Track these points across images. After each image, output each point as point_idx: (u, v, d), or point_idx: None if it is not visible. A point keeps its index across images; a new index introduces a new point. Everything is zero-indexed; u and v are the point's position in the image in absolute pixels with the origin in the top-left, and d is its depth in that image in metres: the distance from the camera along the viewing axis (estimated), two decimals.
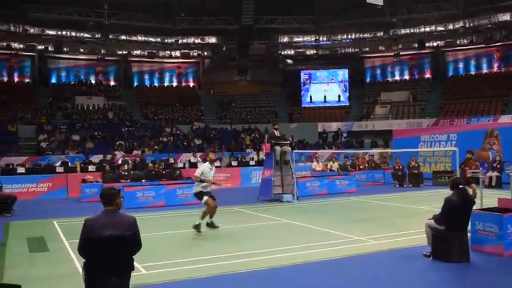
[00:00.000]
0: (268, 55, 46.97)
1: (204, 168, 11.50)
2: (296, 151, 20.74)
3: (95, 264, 4.96)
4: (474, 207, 8.13)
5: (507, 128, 22.18)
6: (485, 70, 43.11)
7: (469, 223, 8.13)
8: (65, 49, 40.89)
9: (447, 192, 8.21)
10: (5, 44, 38.84)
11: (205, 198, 11.17)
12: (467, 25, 40.93)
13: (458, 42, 43.70)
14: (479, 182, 10.89)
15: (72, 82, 41.78)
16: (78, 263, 7.71)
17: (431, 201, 14.15)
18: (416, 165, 21.87)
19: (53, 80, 41.81)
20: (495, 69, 42.70)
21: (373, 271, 7.45)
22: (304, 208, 15.36)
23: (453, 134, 23.66)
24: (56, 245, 9.94)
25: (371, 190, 20.03)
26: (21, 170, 21.13)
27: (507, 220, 8.01)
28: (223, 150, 29.04)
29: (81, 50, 42.07)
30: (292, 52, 46.89)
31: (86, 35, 40.71)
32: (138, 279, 6.67)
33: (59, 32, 39.74)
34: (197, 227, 10.98)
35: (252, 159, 26.21)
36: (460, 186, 7.90)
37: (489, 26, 40.37)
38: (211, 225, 11.15)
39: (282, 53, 46.71)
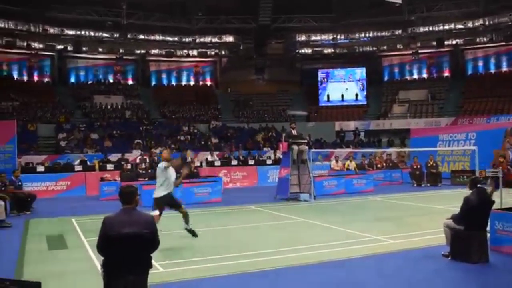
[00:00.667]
0: (286, 54, 46.87)
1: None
2: (313, 150, 20.69)
3: (114, 262, 5.00)
4: (494, 207, 8.03)
5: None
6: (505, 69, 42.52)
7: (489, 223, 8.03)
8: (84, 48, 41.25)
9: (466, 191, 8.13)
10: (25, 44, 39.29)
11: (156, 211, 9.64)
12: (487, 23, 40.40)
13: (477, 40, 43.14)
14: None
15: (91, 81, 42.18)
16: (96, 260, 7.78)
17: (450, 200, 14.03)
18: (434, 164, 21.68)
19: (72, 80, 42.24)
20: None
21: (391, 271, 7.41)
22: (321, 207, 15.32)
23: (472, 133, 23.42)
24: (75, 242, 10.05)
25: (388, 189, 19.91)
26: (40, 168, 21.37)
27: None
28: (240, 149, 29.08)
29: (100, 49, 42.41)
30: (309, 50, 46.72)
31: (104, 34, 41.07)
32: (156, 277, 6.71)
33: (78, 32, 40.14)
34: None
35: (269, 158, 26.20)
36: (479, 186, 7.82)
37: (510, 23, 39.77)
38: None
39: (300, 52, 46.59)
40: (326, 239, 9.76)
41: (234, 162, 24.52)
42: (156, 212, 9.50)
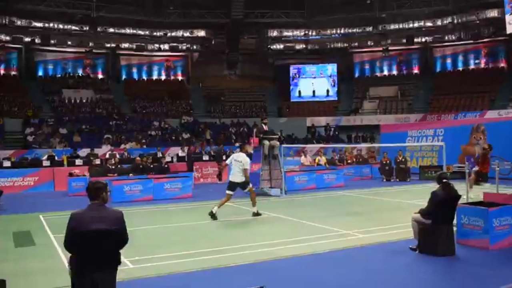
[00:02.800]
0: (258, 49, 46.86)
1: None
2: (285, 145, 20.76)
3: (81, 259, 4.93)
4: (460, 201, 8.19)
5: (493, 123, 22.39)
6: (472, 66, 43.45)
7: (455, 217, 8.20)
8: (52, 41, 40.41)
9: (433, 186, 8.27)
10: None
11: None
12: (455, 21, 41.13)
13: (446, 38, 43.90)
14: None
15: (60, 75, 41.39)
16: (64, 257, 7.66)
17: (418, 195, 14.26)
18: (403, 159, 21.99)
19: (40, 73, 41.40)
20: (482, 65, 43.06)
21: (361, 265, 7.50)
22: (292, 202, 15.41)
23: (440, 129, 23.84)
24: (42, 239, 9.88)
25: (358, 184, 20.16)
26: (7, 164, 20.95)
27: (493, 214, 8.10)
28: (211, 144, 29.04)
29: (69, 42, 41.58)
30: (281, 46, 46.81)
31: (73, 27, 40.24)
32: (124, 273, 6.65)
33: (46, 24, 39.26)
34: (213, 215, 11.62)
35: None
36: (444, 180, 7.96)
37: (477, 22, 40.61)
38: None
39: (272, 47, 46.64)
40: (296, 234, 9.82)
41: (206, 158, 24.43)
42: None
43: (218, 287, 6.53)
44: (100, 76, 43.84)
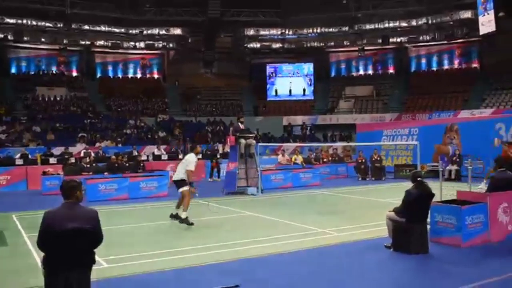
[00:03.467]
0: (234, 48, 46.84)
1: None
2: (261, 144, 20.79)
3: (55, 258, 4.86)
4: (434, 200, 8.31)
5: (467, 123, 22.76)
6: (446, 66, 44.11)
7: (429, 215, 8.31)
8: (25, 38, 39.78)
9: (408, 185, 8.37)
10: None
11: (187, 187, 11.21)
12: (430, 21, 41.73)
13: (421, 38, 44.49)
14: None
15: (33, 72, 40.72)
16: (37, 257, 7.55)
17: (393, 193, 14.41)
18: (378, 158, 22.21)
19: (13, 70, 40.68)
20: (456, 66, 43.74)
21: (336, 262, 7.57)
22: (268, 200, 15.44)
23: (414, 129, 24.14)
24: (15, 239, 9.73)
25: (334, 183, 20.28)
26: None
27: (465, 212, 8.23)
28: (187, 142, 28.90)
29: (42, 39, 40.96)
30: (258, 45, 46.88)
31: (47, 24, 39.70)
32: (99, 272, 6.59)
33: (19, 21, 38.63)
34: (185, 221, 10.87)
35: (217, 151, 26.13)
36: (419, 179, 8.06)
37: (451, 23, 41.28)
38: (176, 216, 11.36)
39: (248, 46, 46.66)
40: (273, 232, 9.84)
41: (181, 156, 24.27)
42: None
43: (193, 285, 6.51)
44: (74, 73, 43.30)
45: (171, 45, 45.55)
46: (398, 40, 44.90)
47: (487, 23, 33.04)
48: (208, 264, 7.43)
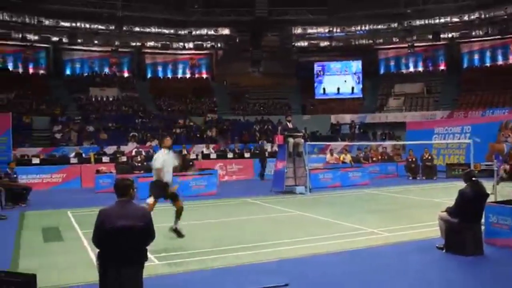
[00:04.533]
0: (282, 46, 46.81)
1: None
2: (309, 143, 20.69)
3: (109, 254, 5.01)
4: (488, 200, 8.06)
5: None
6: (500, 62, 42.61)
7: (483, 216, 8.07)
8: (79, 40, 41.08)
9: (460, 184, 8.15)
10: (20, 35, 39.01)
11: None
12: (482, 16, 40.48)
13: (473, 33, 43.18)
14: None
15: (86, 74, 41.98)
16: (92, 253, 7.78)
17: (445, 193, 14.08)
18: (429, 157, 21.73)
19: (68, 72, 42.06)
20: (510, 61, 42.17)
21: (386, 263, 7.45)
22: (317, 200, 15.36)
23: (467, 127, 23.46)
24: (71, 235, 10.05)
25: (384, 182, 19.95)
26: (35, 161, 21.30)
27: None
28: (236, 141, 29.14)
29: (95, 41, 42.21)
30: (305, 43, 46.70)
31: (100, 26, 40.91)
32: (151, 269, 6.73)
33: (73, 24, 39.98)
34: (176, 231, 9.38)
35: (265, 150, 26.18)
36: (473, 179, 7.84)
37: (505, 17, 39.86)
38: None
39: (296, 44, 46.55)
40: (321, 232, 9.79)
41: (230, 155, 24.50)
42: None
43: (243, 283, 6.55)
44: (125, 74, 44.36)
45: (219, 45, 45.99)
46: (449, 36, 43.74)
47: None
48: (257, 263, 7.47)
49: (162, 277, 6.84)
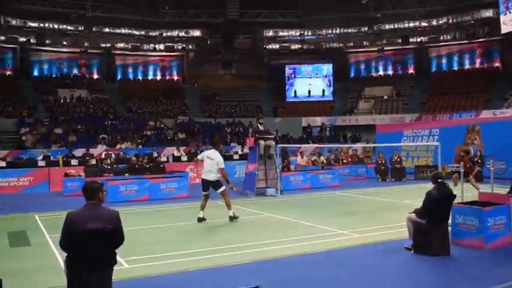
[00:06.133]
0: (253, 49, 46.91)
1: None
2: (280, 145, 20.77)
3: (77, 258, 4.93)
4: (455, 201, 8.22)
5: (488, 123, 22.49)
6: (467, 66, 43.60)
7: (450, 217, 8.23)
8: (47, 41, 40.41)
9: (429, 186, 8.30)
10: None
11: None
12: (450, 21, 41.36)
13: (441, 38, 44.08)
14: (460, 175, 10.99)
15: (55, 75, 41.29)
16: (60, 257, 7.66)
17: (413, 195, 14.29)
18: (398, 159, 22.04)
19: (35, 73, 41.31)
20: (477, 65, 43.21)
21: (356, 264, 7.52)
22: (288, 202, 15.43)
23: (435, 129, 23.90)
24: (38, 239, 9.86)
25: (354, 184, 20.18)
26: (2, 164, 20.82)
27: (487, 213, 8.13)
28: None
29: (64, 42, 41.59)
30: (277, 46, 46.91)
31: (69, 27, 40.33)
32: (120, 273, 6.65)
33: (41, 24, 39.30)
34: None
35: (236, 153, 26.19)
36: (440, 180, 7.99)
37: (472, 22, 40.83)
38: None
39: (267, 47, 46.72)
40: (292, 234, 9.83)
41: (200, 157, 24.32)
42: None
43: (213, 286, 6.54)
44: (95, 76, 43.80)
45: (190, 46, 45.85)
46: (418, 40, 44.56)
47: (508, 22, 32.48)
48: (228, 265, 7.46)
49: (132, 281, 6.77)
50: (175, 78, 46.53)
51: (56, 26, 39.85)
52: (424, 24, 42.94)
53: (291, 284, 6.60)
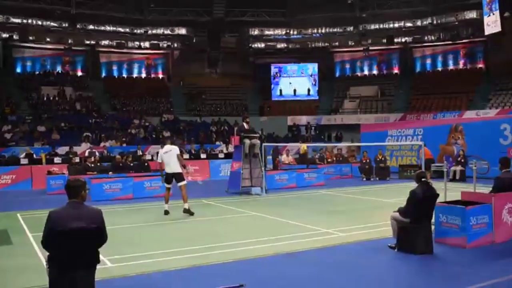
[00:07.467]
0: (239, 48, 46.87)
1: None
2: (265, 144, 20.77)
3: (60, 257, 4.87)
4: (438, 200, 8.28)
5: (471, 123, 22.70)
6: (451, 67, 44.04)
7: (433, 216, 8.29)
8: (30, 37, 39.96)
9: (412, 185, 8.35)
10: None
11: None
12: (435, 22, 41.70)
13: (426, 38, 44.47)
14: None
15: (38, 72, 40.85)
16: (42, 256, 7.58)
17: (397, 194, 14.38)
18: (383, 159, 22.17)
19: (19, 70, 40.85)
20: (461, 66, 43.66)
21: (340, 263, 7.55)
22: (273, 201, 15.43)
23: (419, 129, 24.08)
24: (20, 238, 9.75)
25: (339, 183, 20.24)
26: None
27: (470, 212, 8.20)
28: (192, 142, 28.97)
29: (48, 39, 41.16)
30: (262, 45, 46.92)
31: (52, 24, 39.89)
32: (103, 272, 6.61)
33: (25, 20, 38.81)
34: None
35: (221, 151, 26.16)
36: (423, 179, 8.03)
37: (456, 23, 41.21)
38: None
39: (253, 46, 46.70)
40: (276, 232, 9.83)
41: (186, 156, 24.29)
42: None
43: (197, 285, 6.51)
44: (79, 73, 43.44)
45: (175, 45, 45.68)
46: (403, 40, 44.93)
47: (492, 24, 32.72)
48: (212, 264, 7.43)
49: (115, 280, 6.72)
50: (160, 76, 46.35)
51: (39, 23, 39.40)
52: (408, 24, 43.27)
53: (275, 283, 6.59)
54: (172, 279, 6.82)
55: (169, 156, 12.31)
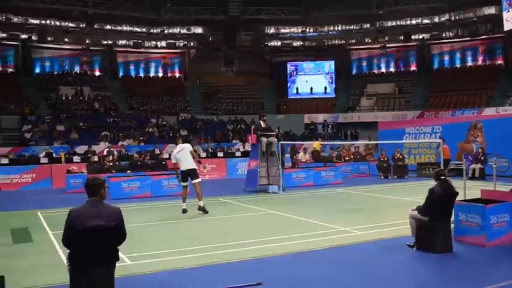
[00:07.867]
0: (255, 46, 46.86)
1: None
2: (282, 142, 20.73)
3: (80, 255, 4.93)
4: (458, 198, 8.20)
5: (491, 120, 22.42)
6: (470, 63, 43.54)
7: (453, 214, 8.21)
8: (49, 38, 40.40)
9: (431, 183, 8.27)
10: None
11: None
12: (452, 18, 41.23)
13: (443, 35, 44.00)
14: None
15: (57, 72, 41.31)
16: (62, 254, 7.66)
17: (416, 192, 14.25)
18: (401, 156, 21.99)
19: (37, 70, 41.34)
20: (479, 62, 43.15)
21: (358, 261, 7.51)
22: (290, 199, 15.40)
23: (437, 126, 23.84)
24: (40, 236, 9.86)
25: (356, 181, 20.12)
26: (4, 161, 20.88)
27: (490, 211, 8.10)
28: (209, 141, 29.06)
29: (66, 39, 41.56)
30: (278, 43, 46.87)
31: (70, 24, 40.28)
32: (123, 269, 6.65)
33: (43, 21, 39.25)
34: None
35: (238, 150, 26.20)
36: (442, 178, 7.96)
37: (475, 19, 40.70)
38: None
39: (269, 44, 46.67)
40: (294, 231, 9.80)
41: (203, 155, 24.40)
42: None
43: (216, 283, 6.51)
44: (97, 73, 43.81)
45: (192, 44, 45.82)
46: (420, 37, 44.47)
47: (511, 19, 32.46)
48: (230, 262, 7.45)
49: (134, 277, 6.76)
50: (177, 75, 46.54)
51: (57, 23, 39.81)
52: (426, 21, 42.82)
53: (293, 281, 6.58)
54: (190, 276, 6.82)
55: (182, 154, 12.33)
